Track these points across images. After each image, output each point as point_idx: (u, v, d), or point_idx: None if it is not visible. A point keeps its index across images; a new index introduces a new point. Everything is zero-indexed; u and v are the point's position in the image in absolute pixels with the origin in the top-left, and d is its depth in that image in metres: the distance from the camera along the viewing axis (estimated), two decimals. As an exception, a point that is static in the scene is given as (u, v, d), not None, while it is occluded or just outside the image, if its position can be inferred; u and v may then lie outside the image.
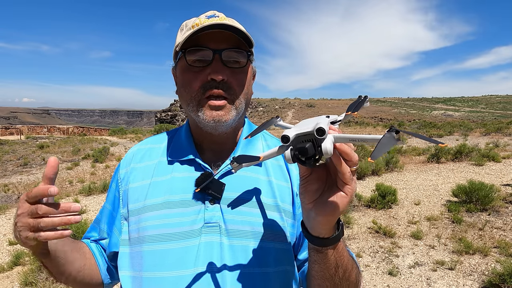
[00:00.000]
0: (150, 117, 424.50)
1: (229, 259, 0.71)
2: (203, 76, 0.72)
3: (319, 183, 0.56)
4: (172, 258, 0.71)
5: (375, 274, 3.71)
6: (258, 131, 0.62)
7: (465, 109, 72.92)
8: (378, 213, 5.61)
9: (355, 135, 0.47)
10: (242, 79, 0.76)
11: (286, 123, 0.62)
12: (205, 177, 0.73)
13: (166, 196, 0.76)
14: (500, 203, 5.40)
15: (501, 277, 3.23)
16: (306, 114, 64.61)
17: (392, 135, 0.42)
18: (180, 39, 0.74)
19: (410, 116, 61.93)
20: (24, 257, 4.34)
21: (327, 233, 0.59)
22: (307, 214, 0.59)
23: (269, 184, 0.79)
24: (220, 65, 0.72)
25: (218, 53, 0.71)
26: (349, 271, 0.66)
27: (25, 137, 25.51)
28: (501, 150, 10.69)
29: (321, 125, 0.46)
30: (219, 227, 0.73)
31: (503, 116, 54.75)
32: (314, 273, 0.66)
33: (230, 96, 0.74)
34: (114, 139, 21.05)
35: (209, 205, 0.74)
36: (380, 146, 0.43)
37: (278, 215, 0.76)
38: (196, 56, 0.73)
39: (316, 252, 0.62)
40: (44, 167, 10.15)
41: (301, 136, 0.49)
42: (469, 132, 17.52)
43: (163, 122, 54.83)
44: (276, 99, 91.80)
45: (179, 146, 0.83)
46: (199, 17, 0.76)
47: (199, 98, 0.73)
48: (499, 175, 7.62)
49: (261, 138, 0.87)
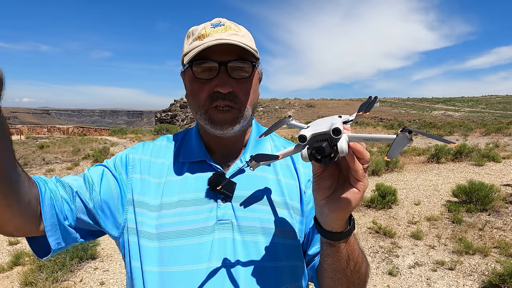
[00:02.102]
0: (150, 117, 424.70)
1: (242, 254, 0.74)
2: (210, 88, 0.75)
3: (331, 180, 0.59)
4: (187, 253, 0.74)
5: (375, 274, 3.71)
6: (272, 131, 0.64)
7: (465, 109, 72.88)
8: (378, 213, 5.61)
9: (368, 135, 0.49)
10: (248, 88, 0.79)
11: (298, 123, 0.64)
12: (217, 177, 0.77)
13: (180, 195, 0.79)
14: (500, 203, 5.40)
15: (501, 277, 3.24)
16: (306, 114, 64.59)
17: (405, 135, 0.45)
18: (186, 49, 0.77)
19: (410, 116, 61.94)
20: (24, 257, 4.35)
21: (340, 227, 0.62)
22: (320, 210, 0.61)
23: (277, 182, 0.82)
24: (226, 77, 0.74)
25: (223, 65, 0.73)
26: (359, 264, 0.69)
27: (25, 137, 25.51)
28: (501, 150, 10.69)
29: (337, 125, 0.49)
30: (232, 224, 0.76)
31: (503, 116, 54.74)
32: (326, 266, 0.69)
33: (237, 105, 0.76)
34: (114, 139, 21.06)
35: (221, 203, 0.77)
36: (395, 146, 0.45)
37: (287, 213, 0.79)
38: (202, 68, 0.75)
39: (328, 246, 0.65)
40: (44, 167, 10.10)
41: (317, 136, 0.52)
42: (469, 132, 17.53)
43: (163, 122, 54.84)
44: (276, 99, 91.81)
45: (190, 147, 0.86)
46: (204, 26, 0.78)
47: (206, 107, 0.76)
48: (499, 175, 7.62)
49: (269, 138, 0.91)
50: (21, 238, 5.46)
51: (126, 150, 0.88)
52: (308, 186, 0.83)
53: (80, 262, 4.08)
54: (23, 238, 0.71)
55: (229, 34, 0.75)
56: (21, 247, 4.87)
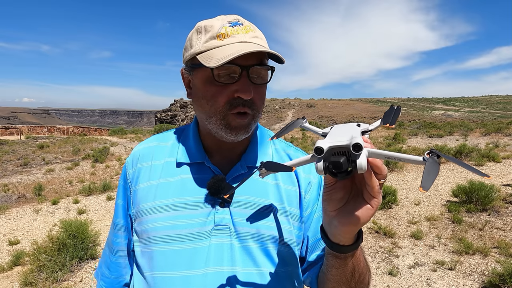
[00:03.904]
0: (150, 117, 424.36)
1: (239, 260, 0.73)
2: (229, 92, 0.70)
3: (344, 192, 0.56)
4: (182, 258, 0.72)
5: (375, 274, 3.71)
6: (284, 133, 0.61)
7: (465, 109, 72.88)
8: (378, 213, 5.61)
9: (390, 153, 0.46)
10: (264, 93, 0.76)
11: (312, 126, 0.62)
12: (217, 181, 0.73)
13: (176, 198, 0.76)
14: (500, 203, 5.40)
15: (501, 277, 3.23)
16: (306, 114, 64.54)
17: (434, 160, 0.42)
18: (201, 47, 0.71)
19: (410, 116, 61.92)
20: (24, 257, 4.34)
21: (348, 241, 0.59)
22: (329, 222, 0.58)
23: (277, 188, 0.80)
24: (248, 82, 0.70)
25: (245, 69, 0.69)
26: (364, 275, 0.68)
27: (25, 137, 25.49)
28: (501, 150, 10.68)
29: (357, 141, 0.45)
30: (229, 229, 0.74)
31: (503, 116, 54.74)
32: (330, 277, 0.67)
33: (253, 111, 0.74)
34: (114, 139, 21.05)
35: (219, 208, 0.75)
36: (428, 174, 0.41)
37: (285, 219, 0.78)
38: (222, 71, 0.69)
39: (334, 258, 0.63)
40: (44, 167, 10.13)
41: (335, 148, 0.48)
42: (469, 132, 17.52)
43: (163, 122, 54.82)
44: (276, 99, 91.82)
45: (188, 148, 0.83)
46: (222, 24, 0.72)
47: (224, 113, 0.72)
48: (499, 175, 7.62)
49: (270, 141, 0.88)
50: (21, 237, 5.42)
51: (125, 165, 0.87)
52: (307, 191, 0.81)
53: (80, 262, 4.08)
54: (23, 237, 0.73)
55: (251, 36, 0.71)
56: (21, 247, 4.87)
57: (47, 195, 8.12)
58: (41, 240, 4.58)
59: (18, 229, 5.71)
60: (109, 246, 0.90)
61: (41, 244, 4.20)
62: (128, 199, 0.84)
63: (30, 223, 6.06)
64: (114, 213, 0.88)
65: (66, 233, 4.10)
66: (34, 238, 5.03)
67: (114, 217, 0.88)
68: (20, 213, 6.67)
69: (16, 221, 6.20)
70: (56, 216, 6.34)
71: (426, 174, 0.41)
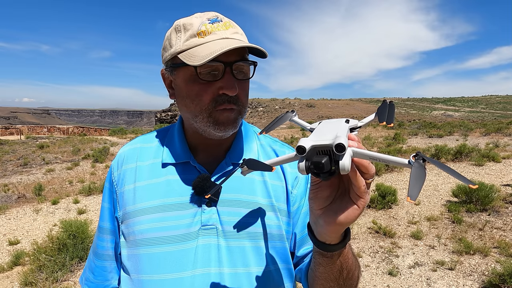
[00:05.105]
0: (150, 117, 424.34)
1: (227, 260, 0.72)
2: (214, 90, 0.70)
3: (330, 190, 0.54)
4: (170, 261, 0.71)
5: (375, 274, 3.71)
6: (273, 127, 0.61)
7: (465, 109, 72.86)
8: (378, 213, 5.61)
9: (376, 154, 0.44)
10: (247, 89, 0.76)
11: (301, 121, 0.60)
12: (202, 180, 0.72)
13: (162, 199, 0.75)
14: (500, 203, 5.40)
15: (501, 277, 3.23)
16: (306, 114, 64.56)
17: (420, 164, 0.40)
18: (182, 46, 0.70)
19: (410, 116, 61.92)
20: (24, 257, 4.35)
21: (334, 240, 0.58)
22: (315, 220, 0.57)
23: (264, 184, 0.79)
24: (232, 79, 0.69)
25: (229, 66, 0.69)
26: (352, 271, 0.66)
27: (25, 137, 25.50)
28: (501, 150, 10.68)
29: (340, 141, 0.43)
30: (216, 229, 0.73)
31: (503, 116, 54.73)
32: (318, 274, 0.66)
33: (238, 107, 0.73)
34: (114, 139, 21.05)
35: (205, 207, 0.74)
36: (414, 181, 0.39)
37: (274, 215, 0.77)
38: (205, 69, 0.69)
39: (321, 256, 0.62)
40: (44, 167, 10.13)
41: (318, 148, 0.46)
42: (469, 132, 17.52)
43: (163, 122, 54.79)
44: (276, 99, 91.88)
45: (173, 148, 0.81)
46: (201, 21, 0.71)
47: (209, 111, 0.71)
48: (499, 175, 7.61)
49: (255, 137, 0.87)
50: (21, 237, 5.42)
51: (111, 167, 0.86)
52: (294, 186, 0.80)
53: (80, 262, 4.08)
54: (23, 237, 0.73)
55: (231, 32, 0.71)
56: (21, 247, 4.88)
57: (47, 195, 8.12)
58: (41, 240, 4.58)
59: (18, 229, 5.72)
60: (93, 250, 0.88)
61: (41, 244, 4.20)
62: (115, 201, 0.82)
63: (30, 223, 6.06)
64: (99, 217, 0.87)
65: (66, 233, 4.10)
66: (34, 238, 5.03)
67: (100, 220, 0.86)
68: (20, 213, 6.67)
69: (16, 221, 6.21)
70: (56, 216, 6.34)
71: (413, 180, 0.39)
